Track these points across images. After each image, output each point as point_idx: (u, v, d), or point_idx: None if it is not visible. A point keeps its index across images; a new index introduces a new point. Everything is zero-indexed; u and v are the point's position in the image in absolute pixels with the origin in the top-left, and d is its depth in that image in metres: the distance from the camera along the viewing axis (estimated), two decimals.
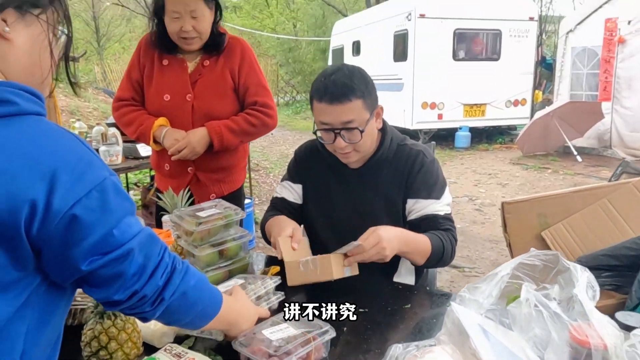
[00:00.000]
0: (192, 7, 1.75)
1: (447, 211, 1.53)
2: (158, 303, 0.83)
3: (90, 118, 7.73)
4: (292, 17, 22.80)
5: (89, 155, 0.75)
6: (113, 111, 1.98)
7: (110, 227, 0.74)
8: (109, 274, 0.76)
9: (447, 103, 8.77)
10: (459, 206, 5.32)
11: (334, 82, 1.39)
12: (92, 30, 22.93)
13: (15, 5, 0.75)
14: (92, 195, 0.72)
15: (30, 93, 0.74)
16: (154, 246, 0.82)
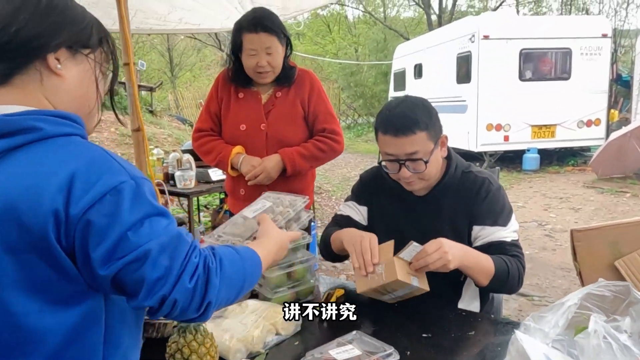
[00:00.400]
0: (268, 45, 1.91)
1: (514, 237, 1.52)
2: (205, 308, 0.81)
3: (165, 144, 8.24)
4: (353, 41, 23.20)
5: (108, 162, 0.78)
6: (193, 141, 2.16)
7: (124, 230, 0.74)
8: (131, 280, 0.75)
9: (513, 124, 8.52)
10: (528, 232, 5.12)
11: (398, 115, 1.45)
12: (167, 60, 24.52)
13: (68, 45, 0.84)
14: (106, 199, 0.73)
15: (59, 116, 0.79)
16: (180, 247, 0.79)
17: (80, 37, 0.85)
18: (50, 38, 0.81)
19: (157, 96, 15.59)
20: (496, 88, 8.39)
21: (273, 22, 1.93)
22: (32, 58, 0.80)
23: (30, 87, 0.81)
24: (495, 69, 8.34)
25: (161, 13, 3.31)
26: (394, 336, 1.26)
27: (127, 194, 0.75)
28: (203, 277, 0.80)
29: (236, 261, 0.91)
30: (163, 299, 0.76)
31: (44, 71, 0.82)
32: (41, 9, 0.80)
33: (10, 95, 0.80)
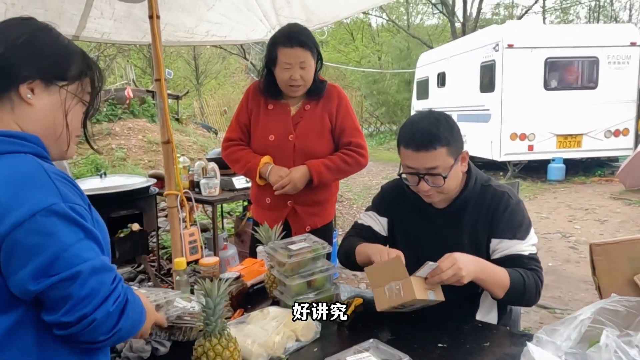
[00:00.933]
0: (302, 59, 1.98)
1: (533, 251, 1.54)
2: (114, 333, 0.87)
3: (191, 151, 8.42)
4: (376, 49, 23.23)
5: (42, 182, 0.83)
6: (223, 150, 2.23)
7: (58, 251, 0.80)
8: (58, 296, 0.81)
9: (538, 134, 8.41)
10: (551, 243, 5.05)
11: (420, 130, 1.48)
12: (192, 69, 24.99)
13: (42, 77, 0.92)
14: (36, 219, 0.78)
15: (8, 136, 0.87)
16: (107, 274, 0.86)
17: (54, 70, 0.93)
18: (22, 69, 0.89)
19: (183, 104, 15.90)
20: (520, 97, 8.31)
21: (308, 37, 2.00)
22: (6, 88, 0.89)
23: (1, 113, 0.90)
24: (520, 78, 8.26)
25: (189, 26, 3.42)
26: (409, 346, 1.29)
27: (59, 215, 0.81)
28: (121, 306, 0.87)
29: (139, 305, 0.98)
30: (83, 317, 0.82)
31: (16, 99, 0.90)
32: (17, 45, 0.89)
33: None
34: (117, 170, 7.33)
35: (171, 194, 2.52)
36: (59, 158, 0.99)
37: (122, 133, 8.96)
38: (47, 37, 0.93)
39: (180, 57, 23.95)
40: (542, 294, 3.63)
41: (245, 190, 3.58)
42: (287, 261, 1.50)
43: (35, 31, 0.92)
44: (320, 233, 2.08)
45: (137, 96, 10.27)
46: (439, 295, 1.40)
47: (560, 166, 8.49)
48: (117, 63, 15.73)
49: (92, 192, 3.13)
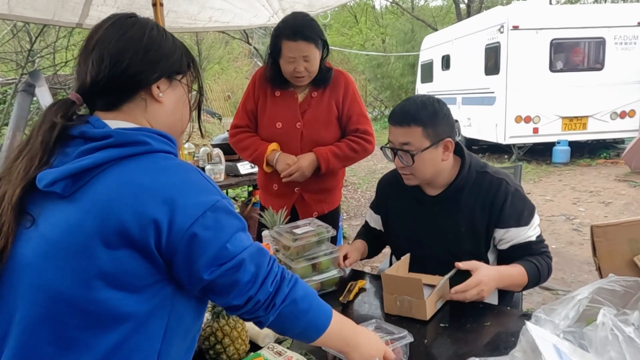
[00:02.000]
0: (306, 52, 1.96)
1: (538, 233, 1.59)
2: (270, 308, 0.92)
3: (195, 137, 8.42)
4: (380, 32, 23.00)
5: (203, 182, 0.89)
6: (230, 137, 2.23)
7: (224, 242, 0.86)
8: (227, 283, 0.88)
9: (543, 116, 8.37)
10: (555, 225, 5.08)
11: (402, 107, 1.57)
12: (195, 54, 24.84)
13: (167, 74, 0.96)
14: (206, 215, 0.84)
15: (162, 135, 0.92)
16: (263, 257, 0.92)
17: (174, 66, 0.97)
18: (152, 72, 0.93)
19: None
20: (526, 79, 8.25)
21: (312, 29, 1.97)
22: (139, 89, 0.93)
23: (135, 112, 0.94)
24: (525, 60, 8.19)
25: (192, 13, 3.42)
26: (412, 326, 1.33)
27: (222, 210, 0.88)
28: (277, 283, 0.93)
29: (310, 292, 1.00)
30: (249, 299, 0.90)
31: (148, 99, 0.94)
32: (143, 47, 0.92)
33: (118, 119, 0.92)
34: None
35: None
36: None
37: None
38: (159, 34, 0.96)
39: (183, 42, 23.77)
40: None
41: (250, 176, 3.61)
42: (292, 245, 1.54)
43: (149, 30, 0.94)
44: (327, 218, 2.12)
45: None
46: (446, 297, 1.45)
47: (565, 148, 8.46)
48: None
49: None
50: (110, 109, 0.93)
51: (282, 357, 1.17)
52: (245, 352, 1.23)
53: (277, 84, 2.11)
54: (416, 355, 1.20)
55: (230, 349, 1.20)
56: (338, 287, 1.63)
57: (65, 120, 0.89)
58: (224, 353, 1.20)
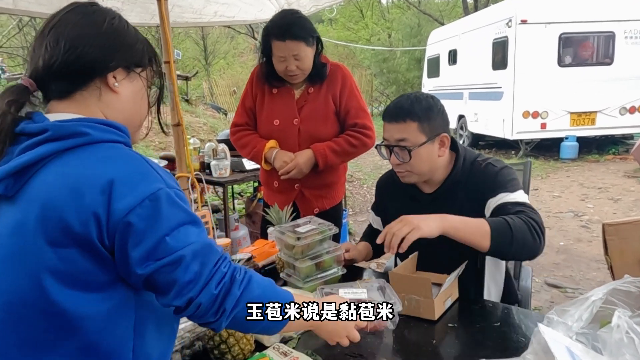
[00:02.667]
0: (295, 52, 1.93)
1: (520, 199, 1.46)
2: (220, 314, 0.86)
3: (201, 132, 8.43)
4: (386, 27, 22.88)
5: (146, 169, 0.84)
6: (230, 135, 2.24)
7: (162, 235, 0.80)
8: (165, 280, 0.82)
9: (551, 112, 8.29)
10: (563, 222, 5.02)
11: (396, 104, 1.56)
12: (201, 49, 24.85)
13: (124, 65, 0.93)
14: (145, 204, 0.80)
15: (106, 124, 0.87)
16: (210, 256, 0.86)
17: (134, 58, 0.94)
18: (109, 59, 0.90)
19: (192, 84, 15.88)
20: (533, 74, 8.16)
21: (300, 27, 1.93)
22: (94, 76, 0.90)
23: (89, 101, 0.91)
24: (533, 54, 8.10)
25: (197, 7, 3.39)
26: (419, 326, 1.31)
27: (165, 200, 0.82)
28: (226, 286, 0.86)
29: (267, 287, 0.94)
30: (190, 301, 0.83)
31: (103, 88, 0.91)
32: (101, 34, 0.90)
33: (69, 108, 0.89)
34: None
35: (182, 177, 2.54)
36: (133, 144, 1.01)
37: None
38: (120, 24, 0.94)
39: (189, 37, 23.79)
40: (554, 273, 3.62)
41: (256, 172, 3.59)
42: (297, 244, 1.51)
43: (110, 19, 0.92)
44: (329, 215, 2.10)
45: None
46: (455, 296, 1.43)
47: (574, 144, 8.38)
48: None
49: None
50: (63, 97, 0.90)
51: (288, 357, 1.15)
52: (250, 352, 1.21)
53: (273, 82, 2.10)
54: (424, 355, 1.18)
55: (235, 349, 1.18)
56: None
57: (16, 109, 0.86)
58: (228, 353, 1.18)
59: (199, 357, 1.21)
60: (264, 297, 0.92)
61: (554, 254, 4.15)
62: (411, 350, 1.21)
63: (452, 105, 10.73)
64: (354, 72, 17.61)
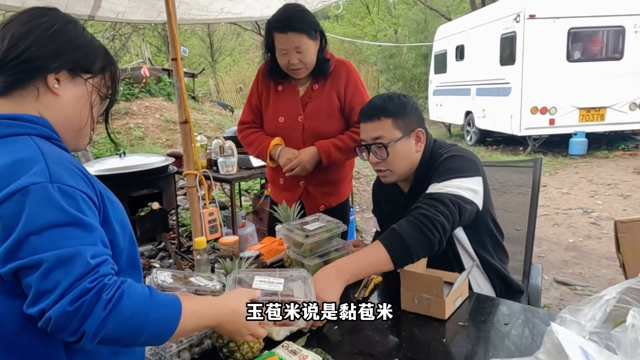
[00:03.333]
0: (297, 44, 1.92)
1: (439, 190, 1.41)
2: (80, 335, 0.77)
3: (207, 129, 8.44)
4: (393, 23, 22.77)
5: (35, 164, 0.81)
6: (238, 133, 2.24)
7: (27, 232, 0.76)
8: (24, 284, 0.77)
9: (560, 107, 8.22)
10: (572, 219, 4.98)
11: (369, 103, 1.60)
12: (207, 46, 24.87)
13: (69, 68, 0.93)
14: (14, 198, 0.77)
15: (10, 118, 0.87)
16: (77, 266, 0.77)
17: (81, 63, 0.95)
18: (51, 60, 0.91)
19: (199, 81, 15.89)
20: (542, 70, 8.10)
21: (302, 20, 1.93)
22: (34, 76, 0.90)
23: (26, 100, 0.91)
24: (542, 49, 8.03)
25: (203, 4, 3.38)
26: (429, 324, 1.30)
27: (38, 196, 0.77)
28: (88, 305, 0.76)
29: (143, 303, 0.84)
30: (42, 312, 0.76)
31: (42, 88, 0.92)
32: (48, 35, 0.91)
33: (5, 105, 0.90)
34: (135, 150, 7.40)
35: (190, 174, 2.54)
36: (74, 149, 1.01)
37: (139, 112, 9.02)
38: (74, 30, 0.95)
39: (195, 34, 23.82)
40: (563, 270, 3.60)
41: (263, 169, 3.58)
42: (305, 241, 1.51)
43: (64, 23, 0.94)
44: (335, 212, 2.09)
45: (153, 75, 10.29)
46: (465, 294, 1.42)
47: (582, 140, 8.31)
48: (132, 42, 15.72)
49: (112, 172, 3.17)
50: (2, 93, 0.91)
51: (297, 355, 1.14)
52: (259, 350, 1.20)
53: (277, 78, 2.09)
54: (435, 354, 1.17)
55: (244, 347, 1.18)
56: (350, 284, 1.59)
57: None
58: (237, 351, 1.17)
59: (208, 356, 1.21)
60: (140, 314, 0.83)
61: (562, 251, 4.12)
62: (421, 349, 1.20)
63: (459, 101, 10.67)
64: (360, 68, 17.57)
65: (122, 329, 0.81)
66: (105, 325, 0.78)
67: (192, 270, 3.93)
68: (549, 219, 5.01)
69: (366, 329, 1.30)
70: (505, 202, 2.03)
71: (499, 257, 1.66)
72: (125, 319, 0.81)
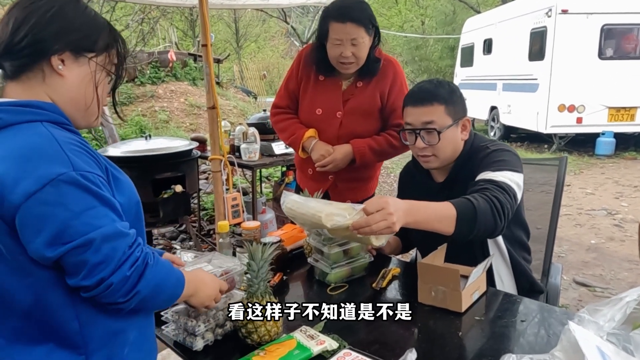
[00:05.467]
0: (353, 36, 1.84)
1: (495, 178, 1.41)
2: (133, 295, 0.89)
3: (231, 115, 8.51)
4: (420, 13, 22.44)
5: (52, 152, 0.85)
6: (271, 116, 2.20)
7: (68, 218, 0.83)
8: (75, 261, 0.84)
9: (588, 106, 8.02)
10: (595, 220, 4.90)
11: (420, 87, 1.58)
12: (232, 31, 24.91)
13: (71, 48, 0.94)
14: (46, 189, 0.81)
15: (22, 105, 0.90)
16: (122, 239, 0.88)
17: (83, 42, 0.96)
18: (52, 42, 0.92)
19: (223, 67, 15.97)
20: (572, 66, 7.90)
21: (362, 12, 1.86)
22: (38, 58, 0.92)
23: (33, 83, 0.94)
24: (573, 45, 7.84)
25: None
26: (446, 317, 1.31)
27: (68, 185, 0.83)
28: (140, 270, 0.90)
29: (169, 271, 1.00)
30: (101, 281, 0.85)
31: (47, 70, 0.93)
32: (48, 17, 0.92)
33: (16, 89, 0.93)
34: (160, 132, 7.52)
35: (215, 159, 2.57)
36: (86, 127, 1.04)
37: (164, 96, 9.13)
38: (75, 9, 0.95)
39: (221, 19, 23.84)
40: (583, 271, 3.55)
41: (285, 156, 3.62)
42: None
43: (63, 4, 0.94)
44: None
45: (180, 59, 10.38)
46: (482, 289, 1.43)
47: (610, 140, 8.11)
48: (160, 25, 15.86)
49: (137, 154, 3.24)
50: (13, 77, 0.94)
51: (315, 340, 1.17)
52: (277, 334, 1.23)
53: (322, 69, 2.02)
54: (450, 346, 1.18)
55: (261, 330, 1.20)
56: (367, 273, 1.62)
57: None
58: (255, 333, 1.20)
59: (230, 336, 1.25)
60: (166, 278, 0.98)
61: (583, 252, 4.06)
62: (436, 340, 1.22)
63: (484, 95, 10.50)
64: None
65: (155, 290, 0.94)
66: (149, 286, 0.92)
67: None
68: (571, 218, 4.93)
69: (382, 319, 1.32)
70: (527, 200, 2.01)
71: (524, 256, 1.65)
72: (160, 280, 0.95)
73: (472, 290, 1.37)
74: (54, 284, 0.89)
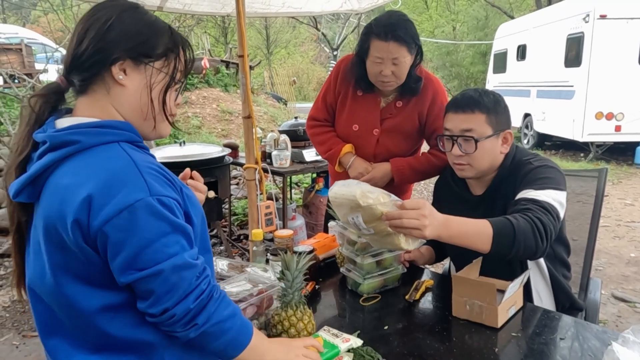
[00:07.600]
0: (395, 55, 1.79)
1: (538, 197, 1.38)
2: (191, 327, 0.88)
3: (261, 122, 8.60)
4: (451, 19, 22.21)
5: (130, 176, 0.84)
6: (307, 128, 2.18)
7: (141, 246, 0.83)
8: (144, 289, 0.86)
9: (627, 113, 7.76)
10: (635, 232, 4.72)
11: (464, 94, 1.56)
12: (263, 38, 25.21)
13: (131, 56, 0.93)
14: (122, 215, 0.81)
15: (99, 127, 0.89)
16: (190, 270, 0.87)
17: (141, 48, 0.94)
18: (113, 50, 0.92)
19: (254, 73, 16.18)
20: (610, 73, 7.67)
21: (406, 30, 1.79)
22: (100, 69, 0.93)
23: (99, 96, 0.94)
24: (611, 52, 7.61)
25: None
26: (481, 332, 1.29)
27: (143, 211, 0.82)
28: (204, 302, 0.89)
29: (235, 311, 0.96)
30: (165, 310, 0.86)
31: (110, 82, 0.94)
32: (105, 28, 0.92)
33: (84, 103, 0.95)
34: (192, 138, 7.66)
35: (250, 168, 2.61)
36: (157, 137, 1.02)
37: (197, 102, 9.31)
38: (132, 16, 0.95)
39: (252, 26, 24.19)
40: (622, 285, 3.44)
41: (315, 163, 3.63)
42: (359, 240, 1.52)
43: (121, 12, 0.94)
44: None
45: (212, 66, 10.58)
46: (519, 304, 1.40)
47: None
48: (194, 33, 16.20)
49: (172, 160, 3.31)
50: (81, 92, 0.95)
51: (340, 338, 1.19)
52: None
53: (360, 85, 1.98)
54: None
55: (292, 332, 1.21)
56: (400, 284, 1.60)
57: (41, 107, 0.93)
58: (285, 333, 1.21)
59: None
60: (231, 319, 0.93)
61: (623, 266, 3.92)
62: (472, 355, 1.19)
63: (518, 102, 10.30)
64: None
65: (216, 328, 0.91)
66: (210, 320, 0.90)
67: (241, 258, 4.04)
68: (609, 230, 4.76)
69: (416, 332, 1.31)
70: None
71: (564, 273, 1.61)
72: (223, 318, 0.92)
73: (508, 305, 1.35)
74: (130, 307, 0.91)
